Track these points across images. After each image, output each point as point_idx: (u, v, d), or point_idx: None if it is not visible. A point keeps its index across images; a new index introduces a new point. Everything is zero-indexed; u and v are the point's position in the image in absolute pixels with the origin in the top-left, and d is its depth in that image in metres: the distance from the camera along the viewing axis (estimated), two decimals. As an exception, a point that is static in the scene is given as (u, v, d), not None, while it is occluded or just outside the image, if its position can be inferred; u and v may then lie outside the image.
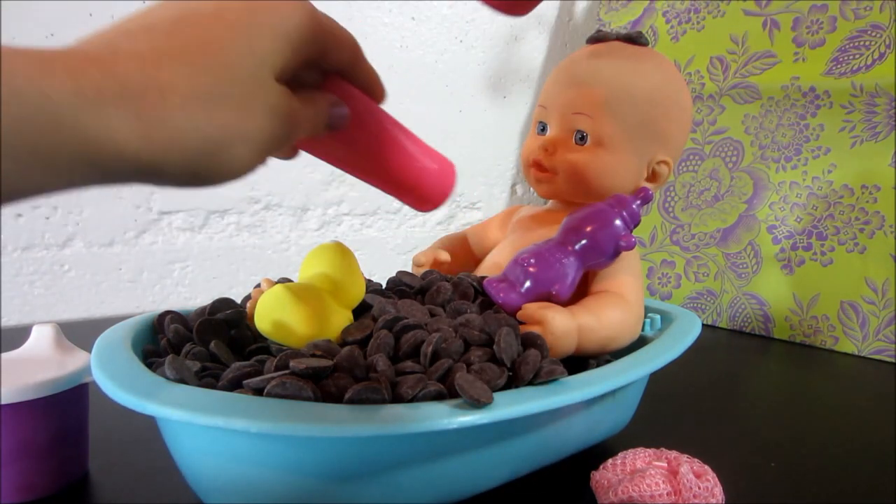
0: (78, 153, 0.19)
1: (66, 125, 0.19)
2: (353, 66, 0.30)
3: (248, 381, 0.30)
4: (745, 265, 0.80)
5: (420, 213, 0.95)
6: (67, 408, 0.37)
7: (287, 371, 0.30)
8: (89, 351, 0.34)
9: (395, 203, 0.93)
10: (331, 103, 0.29)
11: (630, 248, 0.41)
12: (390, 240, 0.94)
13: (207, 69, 0.22)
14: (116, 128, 0.20)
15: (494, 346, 0.34)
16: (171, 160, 0.21)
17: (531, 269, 0.39)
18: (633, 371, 0.38)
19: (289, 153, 0.31)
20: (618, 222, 0.41)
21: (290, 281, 0.39)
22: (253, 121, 0.24)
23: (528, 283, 0.39)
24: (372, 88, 0.31)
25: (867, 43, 0.72)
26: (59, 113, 0.18)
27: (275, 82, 0.25)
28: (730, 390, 0.60)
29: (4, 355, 0.38)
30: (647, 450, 0.34)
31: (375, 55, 0.31)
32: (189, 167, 0.22)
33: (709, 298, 0.82)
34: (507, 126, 1.01)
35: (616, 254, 0.41)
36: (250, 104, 0.23)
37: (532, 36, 1.00)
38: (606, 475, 0.33)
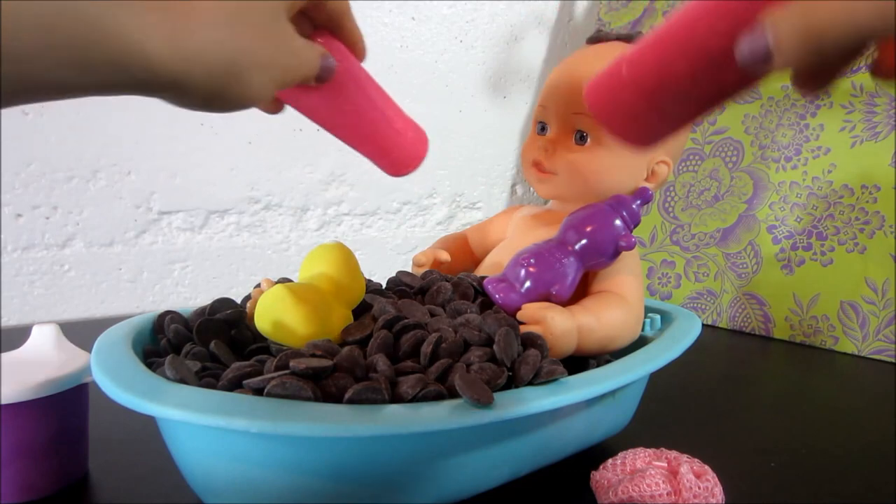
0: (107, 54, 0.20)
1: (98, 24, 0.19)
2: (343, 18, 0.31)
3: (248, 381, 0.30)
4: (745, 265, 0.80)
5: (420, 213, 0.95)
6: (67, 408, 0.37)
7: (287, 371, 0.30)
8: (89, 351, 0.34)
9: (395, 203, 0.93)
10: (321, 54, 0.30)
11: (630, 248, 0.41)
12: (390, 240, 0.94)
13: None
14: (146, 32, 0.20)
15: (494, 346, 0.34)
16: (194, 75, 0.22)
17: (531, 269, 0.39)
18: (633, 371, 0.38)
19: (274, 106, 0.32)
20: (618, 222, 0.41)
21: (290, 281, 0.39)
22: (269, 50, 0.25)
23: (527, 284, 0.39)
24: (356, 44, 0.33)
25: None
26: (90, 12, 0.19)
27: (287, 19, 0.26)
28: (730, 390, 0.59)
29: (4, 355, 0.38)
30: (647, 450, 0.34)
31: (375, 55, 0.31)
32: (209, 86, 0.23)
33: (709, 298, 0.82)
34: (507, 126, 1.01)
35: (616, 254, 0.41)
36: (268, 34, 0.25)
37: (532, 36, 1.00)
38: (606, 475, 0.33)
